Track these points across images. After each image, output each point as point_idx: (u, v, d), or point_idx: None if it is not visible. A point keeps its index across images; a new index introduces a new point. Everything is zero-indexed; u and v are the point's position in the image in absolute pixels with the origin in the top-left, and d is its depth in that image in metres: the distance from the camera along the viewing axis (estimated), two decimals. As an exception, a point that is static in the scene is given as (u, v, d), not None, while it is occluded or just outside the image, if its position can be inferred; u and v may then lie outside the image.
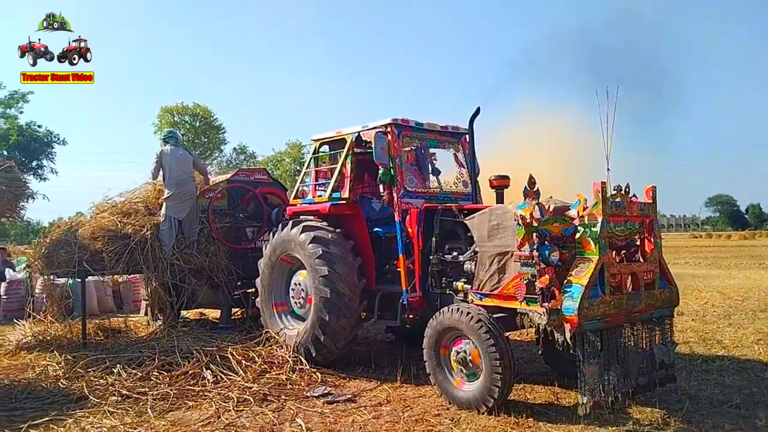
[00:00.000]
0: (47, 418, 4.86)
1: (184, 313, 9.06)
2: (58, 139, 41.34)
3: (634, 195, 4.80)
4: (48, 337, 7.55)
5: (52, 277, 7.88)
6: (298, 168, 41.60)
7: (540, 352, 5.80)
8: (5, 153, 38.36)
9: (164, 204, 8.01)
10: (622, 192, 4.66)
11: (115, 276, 9.85)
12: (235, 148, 53.33)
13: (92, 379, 5.87)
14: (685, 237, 63.47)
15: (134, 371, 5.94)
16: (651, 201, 4.93)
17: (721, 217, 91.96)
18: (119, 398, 5.36)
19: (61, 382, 5.87)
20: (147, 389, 5.52)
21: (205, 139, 50.07)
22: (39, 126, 40.58)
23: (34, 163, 40.65)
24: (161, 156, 8.15)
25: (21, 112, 40.18)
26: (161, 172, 8.19)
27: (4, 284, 10.85)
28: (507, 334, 4.87)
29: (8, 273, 11.02)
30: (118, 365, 6.08)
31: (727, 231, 69.54)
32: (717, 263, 22.08)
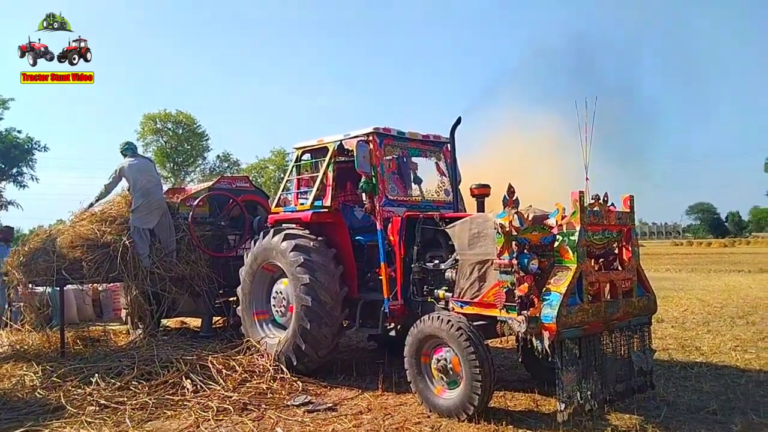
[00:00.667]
0: (23, 429, 4.79)
1: (164, 321, 8.98)
2: (39, 145, 40.81)
3: (612, 204, 4.86)
4: (25, 347, 7.43)
5: (30, 285, 7.78)
6: (282, 175, 41.49)
7: (520, 359, 5.83)
8: (-16, 160, 37.91)
9: (131, 215, 7.93)
10: (600, 201, 4.72)
11: (95, 284, 9.78)
12: (218, 156, 53.07)
13: (70, 389, 5.78)
14: (667, 244, 64.20)
15: (113, 381, 5.86)
16: (628, 210, 4.99)
17: (702, 225, 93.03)
18: (97, 408, 5.29)
19: (38, 392, 5.78)
20: (125, 399, 5.45)
21: (188, 146, 49.81)
22: (19, 132, 40.06)
23: (14, 170, 40.11)
24: (121, 170, 8.07)
25: (1, 119, 39.70)
26: (125, 185, 8.14)
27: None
28: (488, 341, 4.89)
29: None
30: (96, 375, 5.99)
31: (708, 239, 70.36)
32: (697, 270, 22.35)
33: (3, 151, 38.52)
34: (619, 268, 4.95)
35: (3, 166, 39.34)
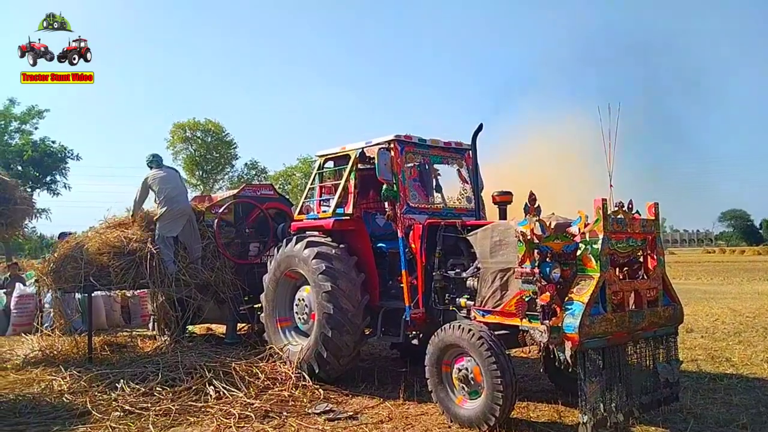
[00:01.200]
0: (49, 434, 4.88)
1: (191, 328, 9.09)
2: (72, 154, 41.88)
3: (637, 211, 4.78)
4: (55, 352, 7.60)
5: (59, 292, 7.95)
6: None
7: (543, 369, 5.75)
8: (20, 168, 38.92)
9: (157, 224, 8.07)
10: (624, 209, 4.65)
11: (123, 291, 9.96)
12: (246, 164, 53.71)
13: (96, 394, 5.89)
14: (698, 252, 62.88)
15: (138, 386, 5.96)
16: (653, 217, 4.90)
17: (735, 232, 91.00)
18: (122, 413, 5.37)
19: (66, 397, 5.89)
20: (149, 405, 5.52)
21: (217, 155, 50.49)
22: (53, 141, 41.14)
23: (47, 179, 41.15)
24: (145, 182, 8.25)
25: (36, 128, 40.79)
26: (152, 197, 8.29)
27: (14, 298, 10.95)
28: (510, 351, 4.84)
29: (18, 287, 11.12)
30: (121, 380, 6.10)
31: (741, 246, 68.78)
32: (729, 279, 21.84)
33: (37, 159, 39.54)
34: (644, 277, 4.85)
35: (37, 174, 40.37)
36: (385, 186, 5.99)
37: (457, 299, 5.60)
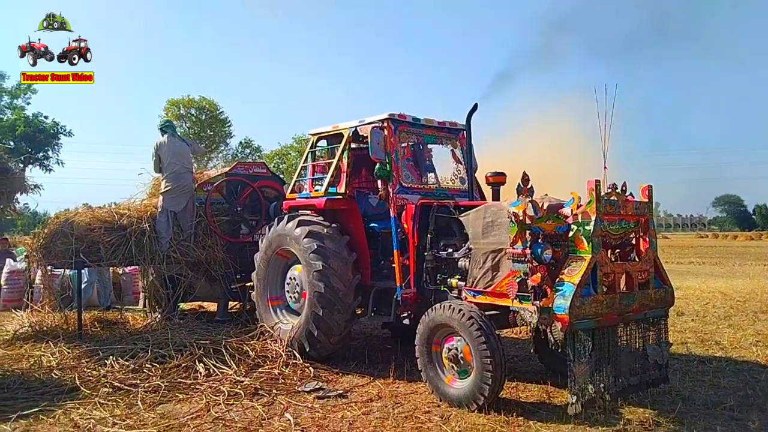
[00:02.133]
0: (37, 409, 4.86)
1: (182, 305, 9.07)
2: (65, 130, 41.53)
3: (630, 194, 4.75)
4: (44, 328, 7.56)
5: (49, 267, 7.89)
6: (303, 162, 41.53)
7: (533, 350, 5.76)
8: (12, 144, 38.57)
9: (161, 197, 7.98)
10: (617, 191, 4.62)
11: (115, 268, 9.90)
12: (240, 142, 53.26)
13: (85, 370, 5.87)
14: (692, 236, 63.20)
15: (127, 363, 5.94)
16: (647, 200, 4.88)
17: (728, 218, 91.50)
18: (110, 390, 5.35)
19: (54, 373, 5.87)
20: (138, 381, 5.51)
21: (211, 132, 50.02)
22: (45, 117, 40.76)
23: (40, 154, 40.84)
24: (159, 148, 8.11)
25: (28, 103, 40.39)
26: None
27: (4, 274, 10.89)
28: (500, 331, 4.84)
29: (9, 263, 11.06)
30: (111, 357, 6.08)
31: (734, 231, 69.15)
32: (721, 262, 21.96)
33: (30, 135, 39.19)
34: (636, 259, 4.84)
35: (30, 150, 40.05)
36: (378, 165, 5.94)
37: (449, 279, 5.59)
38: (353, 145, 6.56)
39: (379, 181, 6.01)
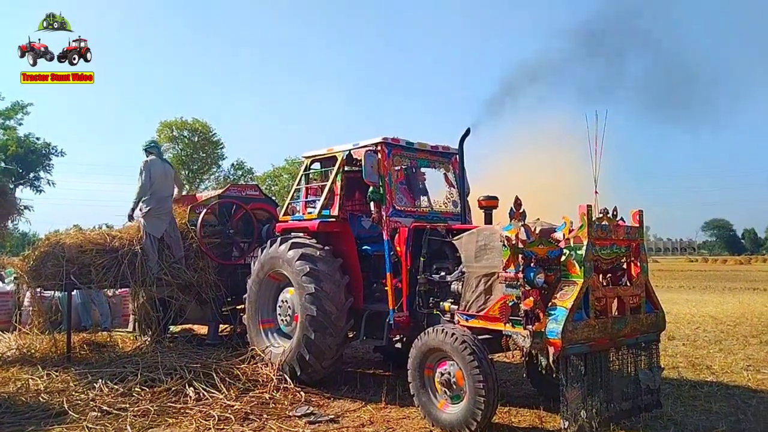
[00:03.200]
0: (23, 434, 4.79)
1: (173, 328, 8.99)
2: (56, 150, 41.47)
3: (621, 218, 4.80)
4: (33, 351, 7.47)
5: (39, 290, 7.82)
6: (295, 184, 41.59)
7: (525, 374, 5.74)
8: (3, 164, 38.46)
9: (142, 219, 7.92)
10: (609, 215, 4.66)
11: (105, 290, 9.81)
12: (233, 164, 53.35)
13: (73, 393, 5.79)
14: (682, 261, 63.49)
15: (116, 386, 5.86)
16: (638, 225, 4.92)
17: (718, 242, 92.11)
18: (99, 414, 5.28)
19: (42, 397, 5.78)
20: (128, 405, 5.44)
21: (204, 154, 50.11)
22: (37, 138, 40.73)
23: (31, 175, 40.70)
24: (149, 167, 7.97)
25: (20, 124, 40.36)
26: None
27: (-8, 296, 10.75)
28: (493, 356, 4.83)
29: (-3, 284, 10.94)
30: (100, 380, 6.00)
31: (723, 255, 69.58)
32: (711, 287, 22.04)
33: (21, 156, 39.09)
34: (628, 283, 4.87)
35: (21, 170, 39.91)
36: (371, 188, 5.97)
37: (441, 303, 5.59)
38: (347, 168, 6.61)
39: (372, 204, 6.04)
